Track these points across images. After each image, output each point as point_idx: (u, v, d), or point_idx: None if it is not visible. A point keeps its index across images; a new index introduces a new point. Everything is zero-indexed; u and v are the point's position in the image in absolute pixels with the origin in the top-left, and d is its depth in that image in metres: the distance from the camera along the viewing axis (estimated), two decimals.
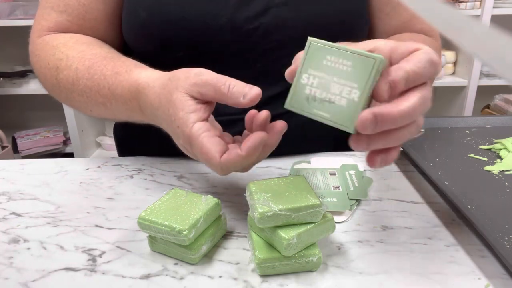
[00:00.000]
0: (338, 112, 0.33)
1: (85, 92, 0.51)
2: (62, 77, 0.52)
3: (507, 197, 0.46)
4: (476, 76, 1.99)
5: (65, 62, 0.52)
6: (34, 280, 0.36)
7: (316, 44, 0.35)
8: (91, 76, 0.50)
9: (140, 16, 0.54)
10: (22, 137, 2.12)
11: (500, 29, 0.13)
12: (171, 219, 0.37)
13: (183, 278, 0.36)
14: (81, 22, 0.57)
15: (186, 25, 0.53)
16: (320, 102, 0.34)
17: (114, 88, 0.48)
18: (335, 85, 0.33)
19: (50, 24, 0.57)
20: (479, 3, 1.90)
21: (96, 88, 0.49)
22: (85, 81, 0.50)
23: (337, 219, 0.44)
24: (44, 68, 0.54)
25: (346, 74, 0.33)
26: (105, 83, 0.49)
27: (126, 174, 0.56)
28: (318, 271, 0.37)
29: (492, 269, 0.37)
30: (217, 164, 0.37)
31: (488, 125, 0.67)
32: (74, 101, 0.54)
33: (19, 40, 2.30)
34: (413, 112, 0.32)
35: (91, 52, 0.52)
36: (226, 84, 0.39)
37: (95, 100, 0.50)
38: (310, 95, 0.34)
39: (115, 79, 0.48)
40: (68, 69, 0.51)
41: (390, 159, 0.35)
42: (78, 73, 0.51)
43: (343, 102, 0.33)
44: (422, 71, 0.32)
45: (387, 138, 0.33)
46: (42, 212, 0.47)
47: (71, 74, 0.51)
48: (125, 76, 0.47)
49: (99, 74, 0.49)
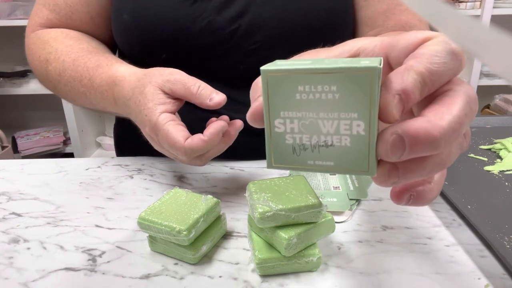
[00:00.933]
0: (344, 156, 0.23)
1: (70, 83, 0.54)
2: (51, 69, 0.56)
3: (507, 197, 0.46)
4: (476, 76, 1.99)
5: (54, 55, 0.56)
6: (34, 280, 0.36)
7: (275, 76, 0.23)
8: (76, 67, 0.53)
9: (124, 19, 0.56)
10: (22, 137, 2.12)
11: (500, 29, 0.13)
12: (171, 219, 0.37)
13: (183, 278, 0.36)
14: (68, 21, 0.60)
15: (167, 28, 0.54)
16: (313, 150, 0.24)
17: (93, 79, 0.51)
18: (326, 122, 0.23)
19: (42, 21, 0.61)
20: (479, 3, 1.90)
21: (79, 79, 0.53)
22: (70, 72, 0.54)
23: (337, 219, 0.44)
24: (36, 61, 0.59)
25: (335, 103, 0.22)
26: (86, 74, 0.52)
27: (126, 174, 0.56)
28: (318, 271, 0.37)
29: (492, 269, 0.37)
30: (181, 147, 0.40)
31: (488, 125, 0.67)
32: (60, 91, 0.58)
33: (19, 40, 2.30)
34: (459, 125, 0.21)
35: (79, 46, 0.56)
36: (195, 85, 0.43)
37: (77, 89, 0.54)
38: (295, 144, 0.24)
39: (96, 71, 0.51)
40: (56, 62, 0.55)
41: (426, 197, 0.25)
42: (64, 65, 0.54)
43: (346, 142, 0.23)
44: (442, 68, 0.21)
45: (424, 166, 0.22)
46: (42, 212, 0.47)
47: (58, 66, 0.55)
48: (105, 69, 0.51)
49: (83, 66, 0.53)
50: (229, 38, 0.54)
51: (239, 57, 0.56)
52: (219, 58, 0.56)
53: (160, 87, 0.44)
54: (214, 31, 0.54)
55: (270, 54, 0.56)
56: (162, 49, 0.56)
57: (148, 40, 0.55)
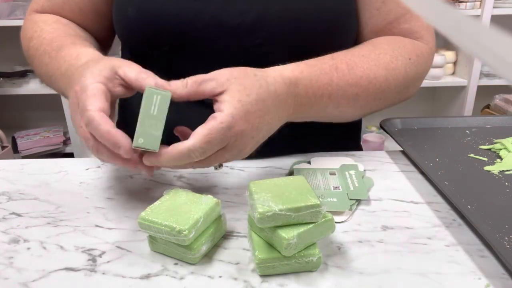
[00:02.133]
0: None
1: (41, 56, 0.56)
2: (31, 45, 0.59)
3: (507, 197, 0.46)
4: (476, 76, 1.99)
5: (38, 33, 0.59)
6: (34, 280, 0.36)
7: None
8: (51, 43, 0.55)
9: (128, 13, 0.56)
10: (22, 137, 2.12)
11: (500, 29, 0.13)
12: (171, 219, 0.37)
13: (183, 278, 0.36)
14: (59, 11, 0.63)
15: (171, 22, 0.54)
16: None
17: (61, 52, 0.53)
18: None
19: (38, 7, 0.64)
20: (479, 3, 1.90)
21: (49, 50, 0.55)
22: (45, 47, 0.56)
23: (337, 219, 0.44)
24: (23, 38, 0.62)
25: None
26: (58, 47, 0.54)
27: (126, 174, 0.56)
28: (318, 271, 0.37)
29: (492, 269, 0.37)
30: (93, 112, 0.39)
31: (488, 125, 0.67)
32: (34, 65, 0.60)
33: (19, 40, 2.29)
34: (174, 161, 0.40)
35: (63, 30, 0.58)
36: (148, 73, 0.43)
37: (43, 61, 0.56)
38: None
39: (67, 47, 0.53)
40: (37, 39, 0.58)
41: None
42: (43, 41, 0.57)
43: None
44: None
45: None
46: (42, 212, 0.47)
47: (38, 42, 0.57)
48: (78, 47, 0.53)
49: (58, 42, 0.55)
50: (233, 33, 0.55)
51: (240, 52, 0.56)
52: (220, 52, 0.56)
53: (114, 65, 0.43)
54: (218, 25, 0.54)
55: (272, 50, 0.56)
56: (165, 43, 0.56)
57: (152, 34, 0.56)
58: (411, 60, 0.56)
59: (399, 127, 0.67)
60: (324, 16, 0.56)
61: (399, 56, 0.55)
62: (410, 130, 0.66)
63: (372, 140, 2.10)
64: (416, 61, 0.57)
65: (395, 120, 0.67)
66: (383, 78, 0.54)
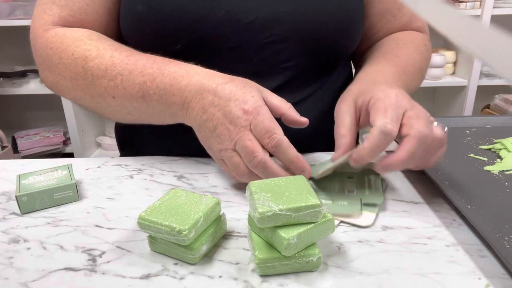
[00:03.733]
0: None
1: (121, 75, 0.51)
2: (92, 65, 0.52)
3: (507, 197, 0.46)
4: (476, 76, 1.99)
5: (96, 52, 0.52)
6: (34, 280, 0.36)
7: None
8: (135, 61, 0.51)
9: (138, 9, 0.54)
10: (22, 137, 2.12)
11: (500, 29, 0.13)
12: (171, 219, 0.37)
13: (183, 278, 0.36)
14: (83, 16, 0.56)
15: (184, 18, 0.53)
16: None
17: (167, 67, 0.50)
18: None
19: (54, 19, 0.56)
20: (479, 3, 1.90)
21: (141, 69, 0.50)
22: (124, 66, 0.51)
23: (361, 223, 0.43)
24: (67, 59, 0.53)
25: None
26: (154, 64, 0.50)
27: (126, 174, 0.56)
28: (318, 271, 0.37)
29: (492, 269, 0.37)
30: (278, 132, 0.45)
31: (488, 125, 0.67)
32: (99, 87, 0.53)
33: (19, 40, 2.32)
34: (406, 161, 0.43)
35: (121, 46, 0.54)
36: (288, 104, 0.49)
37: (131, 81, 0.50)
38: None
39: (169, 62, 0.51)
40: (100, 58, 0.52)
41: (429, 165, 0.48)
42: (114, 59, 0.51)
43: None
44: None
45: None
46: (42, 212, 0.47)
47: (104, 61, 0.52)
48: (182, 64, 0.51)
49: (146, 58, 0.51)
50: (245, 30, 0.54)
51: (253, 50, 0.56)
52: (232, 49, 0.55)
53: (260, 90, 0.48)
54: (231, 22, 0.53)
55: (284, 48, 0.56)
56: (177, 40, 0.55)
57: (164, 31, 0.54)
58: (426, 46, 0.67)
59: None
60: (336, 13, 0.57)
61: (419, 45, 0.65)
62: None
63: None
64: (428, 47, 0.67)
65: None
66: (419, 60, 0.63)
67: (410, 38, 0.66)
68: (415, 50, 0.64)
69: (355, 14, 0.60)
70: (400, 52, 0.62)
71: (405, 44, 0.64)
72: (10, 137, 2.05)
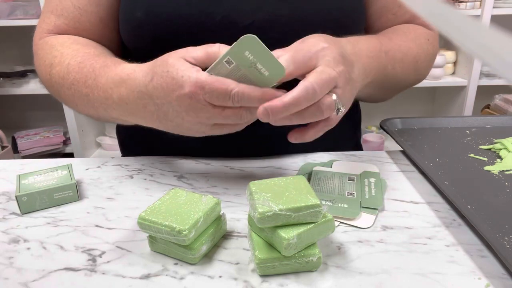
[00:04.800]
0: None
1: (73, 85, 0.53)
2: (54, 73, 0.55)
3: (507, 197, 0.46)
4: (476, 76, 1.99)
5: (59, 59, 0.55)
6: (34, 280, 0.36)
7: None
8: (81, 69, 0.52)
9: (136, 16, 0.55)
10: (22, 137, 2.12)
11: (500, 29, 0.13)
12: (171, 219, 0.37)
13: (183, 278, 0.36)
14: (76, 24, 0.59)
15: (182, 23, 0.54)
16: None
17: (99, 79, 0.50)
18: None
19: (50, 27, 0.60)
20: (479, 3, 1.90)
21: (84, 80, 0.52)
22: (74, 75, 0.53)
23: (361, 225, 0.43)
24: (42, 65, 0.58)
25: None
26: (92, 74, 0.51)
27: (126, 174, 0.56)
28: (318, 271, 0.37)
29: (492, 269, 0.37)
30: (233, 90, 0.41)
31: (488, 125, 0.67)
32: (63, 95, 0.56)
33: (19, 40, 2.32)
34: (297, 102, 0.40)
35: (85, 50, 0.55)
36: (215, 45, 0.44)
37: (80, 91, 0.52)
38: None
39: (102, 71, 0.51)
40: (60, 65, 0.54)
41: (305, 137, 0.45)
42: (69, 67, 0.53)
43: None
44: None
45: (290, 118, 0.41)
46: (42, 212, 0.47)
47: (62, 69, 0.54)
48: (112, 68, 0.50)
49: (88, 67, 0.52)
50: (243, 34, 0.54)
51: None
52: None
53: (182, 57, 0.43)
54: (228, 26, 0.54)
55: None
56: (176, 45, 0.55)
57: (162, 35, 0.55)
58: (429, 40, 0.64)
59: (399, 127, 0.67)
60: (334, 15, 0.56)
61: (419, 36, 0.62)
62: (410, 130, 0.66)
63: (372, 140, 2.10)
64: (431, 42, 0.64)
65: (395, 120, 0.67)
66: (415, 51, 0.60)
67: (411, 29, 0.63)
68: (413, 40, 0.61)
69: (354, 15, 0.59)
70: (394, 37, 0.59)
71: (405, 33, 0.61)
72: (10, 137, 2.05)
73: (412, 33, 0.62)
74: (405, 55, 0.59)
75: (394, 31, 0.62)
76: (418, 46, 0.61)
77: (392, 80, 0.59)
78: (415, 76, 0.63)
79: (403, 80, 0.61)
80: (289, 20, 0.54)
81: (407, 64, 0.59)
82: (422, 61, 0.62)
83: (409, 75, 0.61)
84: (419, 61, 0.61)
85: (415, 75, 0.63)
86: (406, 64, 0.59)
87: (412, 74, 0.62)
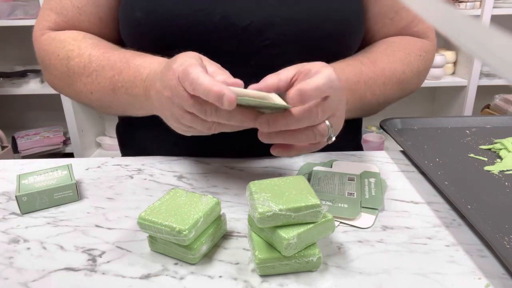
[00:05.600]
0: None
1: (96, 71, 0.55)
2: (73, 64, 0.56)
3: (507, 197, 0.46)
4: (476, 76, 1.99)
5: (77, 51, 0.56)
6: (34, 280, 0.36)
7: None
8: (107, 58, 0.54)
9: (136, 15, 0.55)
10: (22, 137, 2.12)
11: (500, 29, 0.13)
12: (171, 219, 0.37)
13: (183, 278, 0.36)
14: (76, 23, 0.60)
15: (181, 23, 0.54)
16: None
17: (132, 60, 0.53)
18: None
19: (50, 24, 0.61)
20: (479, 3, 1.90)
21: (111, 64, 0.54)
22: (98, 62, 0.55)
23: (360, 225, 0.43)
24: (54, 59, 0.58)
25: None
26: (123, 58, 0.53)
27: (126, 174, 0.56)
28: (318, 271, 0.37)
29: (492, 269, 0.37)
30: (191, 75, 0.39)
31: (488, 125, 0.67)
32: (79, 84, 0.57)
33: (19, 40, 2.32)
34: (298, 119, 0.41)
35: (102, 43, 0.57)
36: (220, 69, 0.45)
37: (102, 76, 0.54)
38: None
39: (136, 55, 0.53)
40: (80, 57, 0.56)
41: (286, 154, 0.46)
42: (91, 57, 0.55)
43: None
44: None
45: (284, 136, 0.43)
46: (42, 212, 0.47)
47: (83, 59, 0.56)
48: (145, 56, 0.53)
49: (117, 55, 0.54)
50: (242, 34, 0.55)
51: (249, 54, 0.56)
52: (230, 53, 0.56)
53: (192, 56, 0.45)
54: (227, 26, 0.54)
55: (280, 51, 0.56)
56: (175, 45, 0.55)
57: (162, 35, 0.55)
58: (421, 56, 0.63)
59: (399, 127, 0.67)
60: (333, 17, 0.56)
61: (411, 53, 0.62)
62: (410, 130, 0.66)
63: (372, 140, 2.10)
64: (425, 57, 0.63)
65: (395, 120, 0.67)
66: (401, 71, 0.60)
67: (405, 44, 0.62)
68: (401, 61, 0.60)
69: (352, 16, 0.59)
70: (380, 59, 0.59)
71: (394, 51, 0.60)
72: (10, 137, 2.05)
73: (402, 52, 0.61)
74: (389, 79, 0.59)
75: (383, 50, 0.61)
76: (406, 65, 0.60)
77: (372, 103, 0.59)
78: (400, 93, 0.63)
79: (385, 101, 0.61)
80: (288, 21, 0.54)
81: (390, 86, 0.59)
82: (408, 80, 0.61)
83: (392, 95, 0.61)
84: (405, 80, 0.61)
85: (400, 93, 0.62)
86: (389, 86, 0.59)
87: (397, 94, 0.62)
